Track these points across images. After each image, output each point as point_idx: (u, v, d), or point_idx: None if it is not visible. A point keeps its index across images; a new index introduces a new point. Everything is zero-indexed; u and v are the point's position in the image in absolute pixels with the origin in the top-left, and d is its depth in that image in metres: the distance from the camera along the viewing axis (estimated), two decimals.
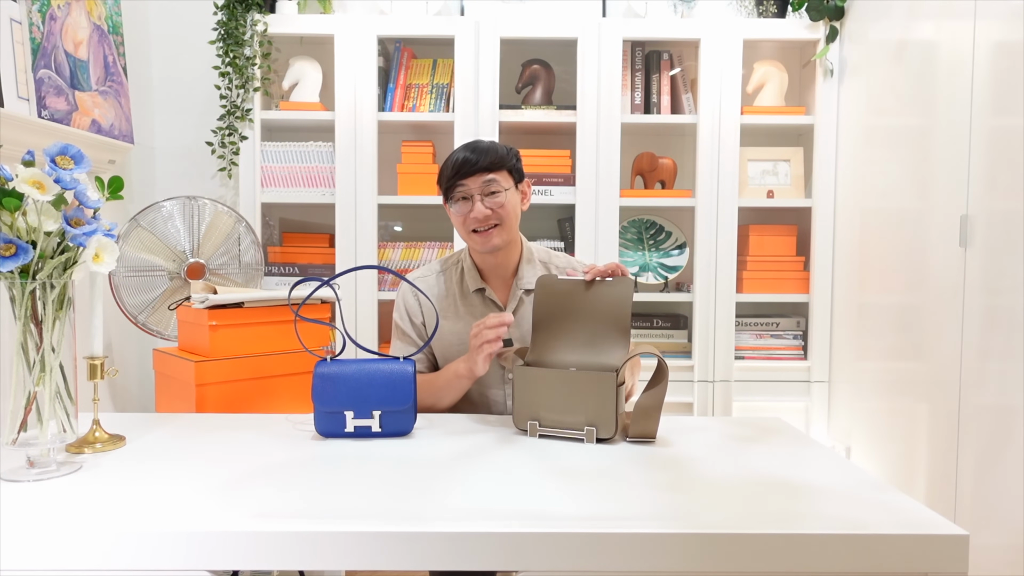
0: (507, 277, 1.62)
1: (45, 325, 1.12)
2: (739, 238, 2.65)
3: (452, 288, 1.64)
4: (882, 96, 2.29)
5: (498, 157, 1.52)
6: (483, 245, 1.54)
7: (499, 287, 1.62)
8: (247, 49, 2.51)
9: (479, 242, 1.54)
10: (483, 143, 1.53)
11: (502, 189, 1.52)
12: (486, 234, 1.53)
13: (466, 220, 1.52)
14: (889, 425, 2.20)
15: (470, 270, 1.62)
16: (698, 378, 2.62)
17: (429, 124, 2.70)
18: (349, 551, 0.91)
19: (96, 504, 0.99)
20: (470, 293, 1.61)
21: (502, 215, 1.52)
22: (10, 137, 1.79)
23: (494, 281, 1.62)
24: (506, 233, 1.55)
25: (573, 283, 1.42)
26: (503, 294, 1.61)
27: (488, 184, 1.51)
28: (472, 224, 1.52)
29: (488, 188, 1.51)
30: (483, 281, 1.61)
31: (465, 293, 1.62)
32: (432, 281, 1.66)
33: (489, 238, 1.53)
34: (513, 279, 1.61)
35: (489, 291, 1.60)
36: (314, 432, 1.35)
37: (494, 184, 1.51)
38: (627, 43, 2.64)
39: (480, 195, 1.51)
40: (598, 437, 1.30)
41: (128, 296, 2.23)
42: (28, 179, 1.08)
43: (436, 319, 1.51)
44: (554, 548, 0.90)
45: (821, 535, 0.91)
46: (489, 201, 1.51)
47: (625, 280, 1.40)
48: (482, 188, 1.51)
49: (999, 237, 1.72)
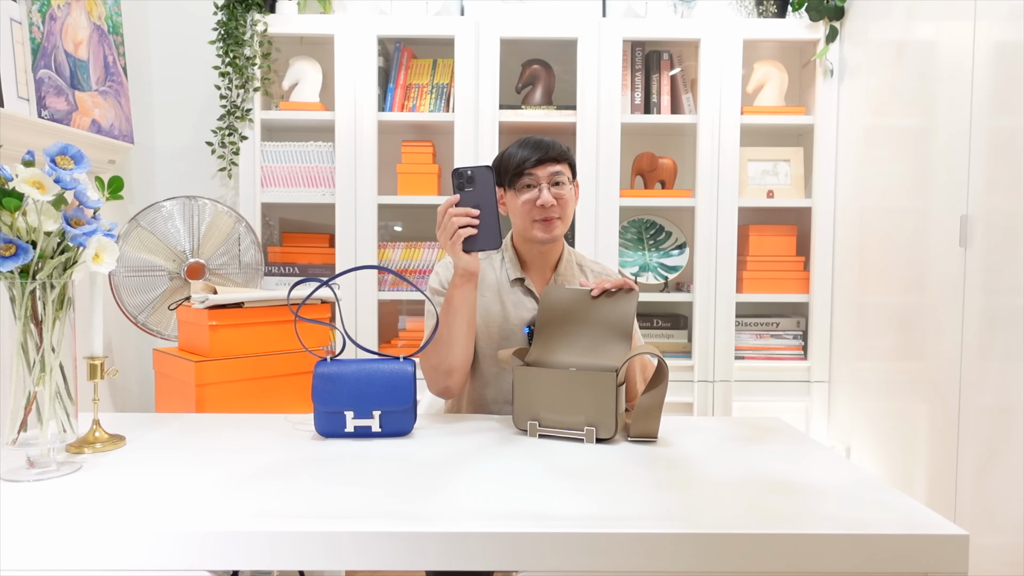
0: (546, 271, 1.64)
1: (45, 325, 1.12)
2: (739, 238, 2.65)
3: (491, 274, 1.64)
4: (882, 96, 2.29)
5: (562, 151, 1.56)
6: (545, 232, 1.56)
7: (538, 280, 1.64)
8: (247, 49, 2.51)
9: (541, 229, 1.56)
10: (544, 138, 1.57)
11: (566, 181, 1.56)
12: (549, 223, 1.55)
13: (532, 208, 1.55)
14: (889, 425, 2.20)
15: (512, 259, 1.63)
16: (698, 378, 2.62)
17: (429, 124, 2.70)
18: (349, 551, 0.91)
19: (96, 504, 0.99)
20: (509, 281, 1.63)
21: (563, 207, 1.56)
22: (10, 137, 1.79)
23: (533, 273, 1.64)
24: (564, 225, 1.59)
25: (578, 292, 1.44)
26: (541, 285, 1.63)
27: (555, 175, 1.54)
28: (537, 213, 1.54)
29: (555, 179, 1.55)
30: (523, 271, 1.63)
31: (504, 281, 1.63)
32: None
33: (552, 227, 1.56)
34: (552, 273, 1.64)
35: (528, 281, 1.62)
36: (314, 432, 1.35)
37: (560, 175, 1.55)
38: (627, 43, 2.64)
39: (548, 184, 1.54)
40: (598, 437, 1.30)
41: (128, 296, 2.23)
42: (28, 179, 1.08)
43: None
44: (554, 548, 0.90)
45: (821, 535, 0.91)
46: (555, 191, 1.54)
47: (631, 293, 1.42)
48: (549, 178, 1.54)
49: (999, 237, 1.72)
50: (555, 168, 1.54)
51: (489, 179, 1.37)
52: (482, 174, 1.37)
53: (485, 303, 1.61)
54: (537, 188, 1.54)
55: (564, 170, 1.56)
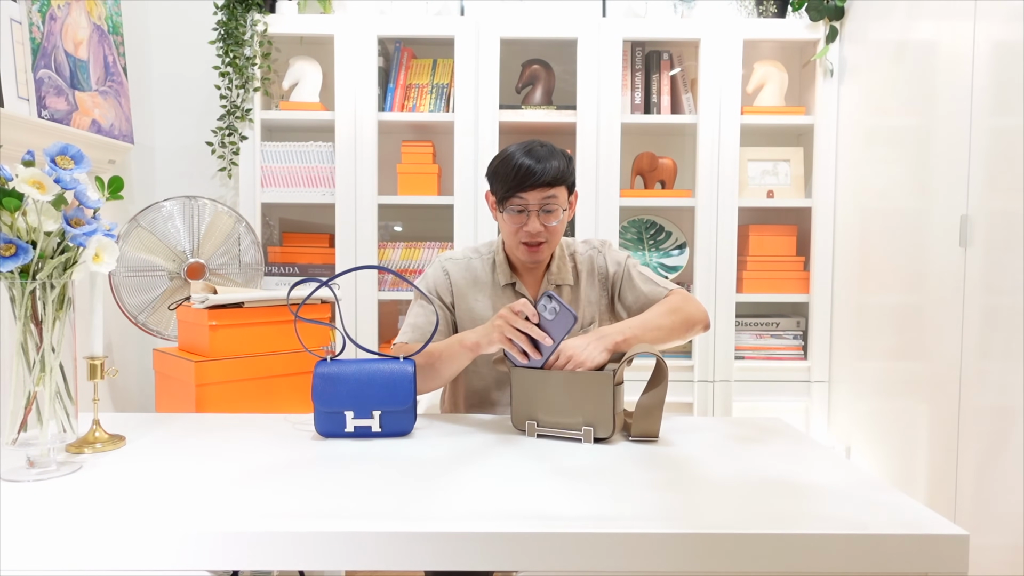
0: (538, 272, 1.62)
1: (45, 325, 1.12)
2: (739, 238, 2.65)
3: (484, 276, 1.62)
4: (882, 96, 2.29)
5: (560, 172, 1.48)
6: (529, 257, 1.54)
7: (530, 282, 1.62)
8: (247, 49, 2.51)
9: (526, 253, 1.53)
10: (544, 150, 1.49)
11: (559, 208, 1.50)
12: (535, 249, 1.52)
13: (519, 231, 1.51)
14: (889, 425, 2.20)
15: (502, 264, 1.61)
16: (698, 378, 2.62)
17: (429, 124, 2.70)
18: (349, 551, 0.91)
19: (96, 504, 0.99)
20: (501, 285, 1.61)
21: (551, 233, 1.52)
22: (10, 137, 1.79)
23: (526, 276, 1.62)
24: (551, 248, 1.56)
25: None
26: (533, 289, 1.62)
27: (547, 201, 1.48)
28: (523, 237, 1.51)
29: (546, 205, 1.48)
30: (515, 275, 1.61)
31: (496, 284, 1.61)
32: (463, 265, 1.63)
33: (536, 253, 1.53)
34: (544, 275, 1.62)
35: (520, 285, 1.60)
36: (314, 432, 1.35)
37: (552, 202, 1.49)
38: (627, 43, 2.64)
39: (537, 210, 1.49)
40: (596, 437, 1.30)
41: (128, 296, 2.23)
42: (28, 179, 1.08)
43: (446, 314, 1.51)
44: (553, 548, 0.90)
45: (821, 535, 0.91)
46: (544, 217, 1.49)
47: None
48: (540, 204, 1.48)
49: (999, 237, 1.72)
50: (548, 193, 1.47)
51: (568, 325, 1.31)
52: (565, 318, 1.31)
53: (477, 307, 1.60)
54: (525, 213, 1.49)
55: (558, 193, 1.49)
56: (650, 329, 1.46)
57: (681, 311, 1.52)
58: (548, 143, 1.52)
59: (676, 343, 1.53)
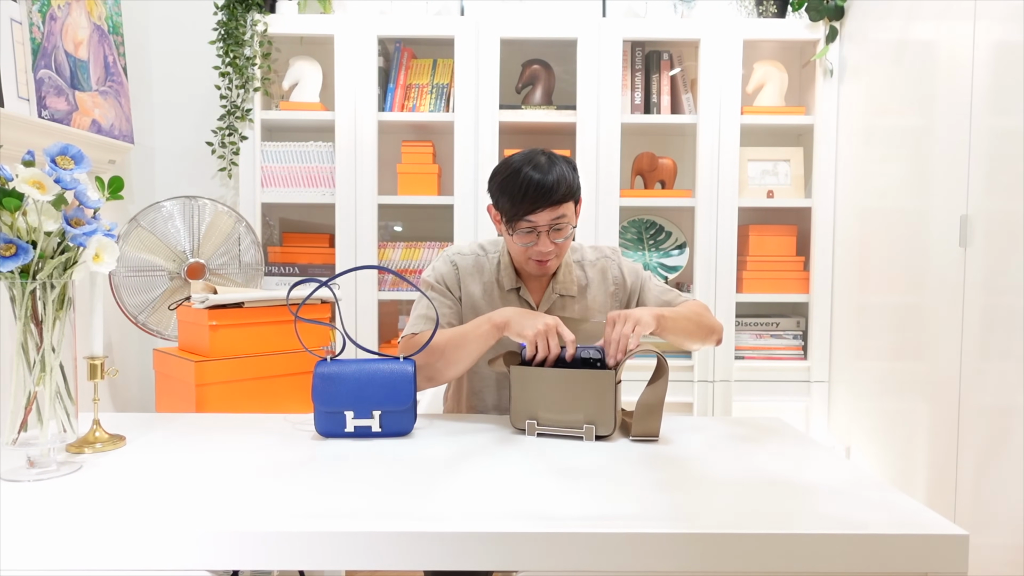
0: (543, 279, 1.61)
1: (45, 325, 1.12)
2: (739, 238, 2.65)
3: (489, 275, 1.61)
4: (882, 96, 2.29)
5: (569, 188, 1.45)
6: (538, 271, 1.54)
7: (535, 288, 1.61)
8: (247, 49, 2.51)
9: (535, 269, 1.53)
10: (550, 165, 1.45)
11: (568, 225, 1.49)
12: (543, 264, 1.52)
13: (528, 250, 1.50)
14: (889, 425, 2.20)
15: (507, 268, 1.59)
16: (698, 378, 2.62)
17: (429, 124, 2.70)
18: (349, 551, 0.91)
19: (96, 504, 0.99)
20: (505, 289, 1.59)
21: (560, 248, 1.51)
22: (10, 137, 1.79)
23: (530, 282, 1.61)
24: (560, 260, 1.55)
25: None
26: (537, 295, 1.60)
27: (558, 220, 1.46)
28: (534, 255, 1.50)
29: (557, 224, 1.46)
30: (519, 281, 1.60)
31: (500, 286, 1.60)
32: (471, 260, 1.62)
33: (546, 267, 1.53)
34: (549, 282, 1.60)
35: (524, 291, 1.59)
36: (314, 432, 1.35)
37: (563, 220, 1.47)
38: (627, 43, 2.64)
39: (547, 230, 1.47)
40: (597, 435, 1.30)
41: (128, 296, 2.23)
42: (28, 179, 1.08)
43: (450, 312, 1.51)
44: (553, 548, 0.90)
45: (821, 535, 0.91)
46: (555, 236, 1.48)
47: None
48: (551, 223, 1.46)
49: (999, 237, 1.72)
50: (557, 213, 1.45)
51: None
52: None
53: (482, 305, 1.59)
54: (535, 233, 1.47)
55: (567, 211, 1.47)
56: (680, 320, 1.49)
57: (703, 318, 1.57)
58: (549, 152, 1.50)
59: (692, 346, 1.56)
